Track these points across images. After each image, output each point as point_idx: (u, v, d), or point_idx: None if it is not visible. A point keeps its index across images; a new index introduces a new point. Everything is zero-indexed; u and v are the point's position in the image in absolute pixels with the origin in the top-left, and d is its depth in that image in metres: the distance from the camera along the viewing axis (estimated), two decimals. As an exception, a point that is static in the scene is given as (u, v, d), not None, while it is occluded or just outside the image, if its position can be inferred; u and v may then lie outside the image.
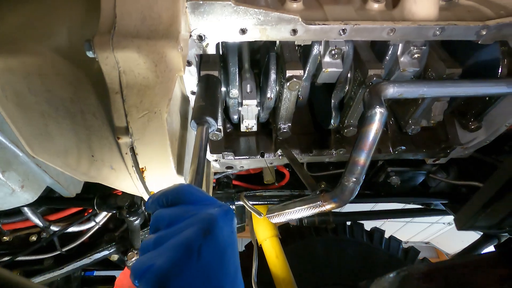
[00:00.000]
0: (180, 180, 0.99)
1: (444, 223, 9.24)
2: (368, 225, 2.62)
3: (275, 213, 1.21)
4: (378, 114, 0.94)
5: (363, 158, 0.98)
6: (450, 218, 8.47)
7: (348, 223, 2.58)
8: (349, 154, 1.56)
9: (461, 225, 1.41)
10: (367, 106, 0.99)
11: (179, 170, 0.98)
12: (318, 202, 1.06)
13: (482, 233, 1.86)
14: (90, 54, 0.73)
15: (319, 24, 0.96)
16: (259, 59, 1.43)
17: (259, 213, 1.28)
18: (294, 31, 0.97)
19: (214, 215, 0.59)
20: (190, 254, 0.53)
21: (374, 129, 0.95)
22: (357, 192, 1.02)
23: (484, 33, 1.03)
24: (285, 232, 2.46)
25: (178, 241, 0.54)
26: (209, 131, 0.95)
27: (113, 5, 0.74)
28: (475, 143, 1.52)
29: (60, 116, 0.90)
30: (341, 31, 0.99)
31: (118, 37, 0.73)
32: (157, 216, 0.63)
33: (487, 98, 1.36)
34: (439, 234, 9.99)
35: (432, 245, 10.79)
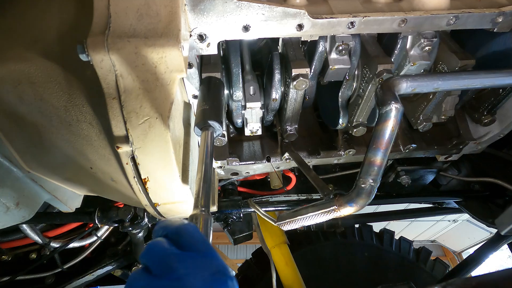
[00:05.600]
0: (185, 189, 0.92)
1: (449, 221, 9.12)
2: (374, 226, 2.55)
3: (286, 220, 1.14)
4: (394, 110, 0.88)
5: (379, 158, 0.91)
6: (455, 215, 8.39)
7: (356, 225, 2.51)
8: (359, 155, 1.54)
9: (505, 229, 1.38)
10: (380, 102, 0.93)
11: (184, 179, 0.92)
12: (333, 207, 1.00)
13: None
14: (83, 57, 0.67)
15: (326, 18, 0.91)
16: (261, 60, 1.37)
17: (273, 220, 1.21)
18: (300, 26, 0.91)
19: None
20: None
21: (390, 126, 0.89)
22: (374, 195, 0.96)
23: (500, 20, 0.98)
24: (292, 238, 2.39)
25: None
26: (214, 136, 0.88)
27: (106, 3, 0.69)
28: (488, 138, 1.46)
29: (54, 126, 0.84)
30: (349, 24, 0.93)
31: (113, 38, 0.67)
32: (150, 250, 0.55)
33: (500, 90, 1.30)
34: (445, 232, 9.88)
35: (438, 243, 10.69)
